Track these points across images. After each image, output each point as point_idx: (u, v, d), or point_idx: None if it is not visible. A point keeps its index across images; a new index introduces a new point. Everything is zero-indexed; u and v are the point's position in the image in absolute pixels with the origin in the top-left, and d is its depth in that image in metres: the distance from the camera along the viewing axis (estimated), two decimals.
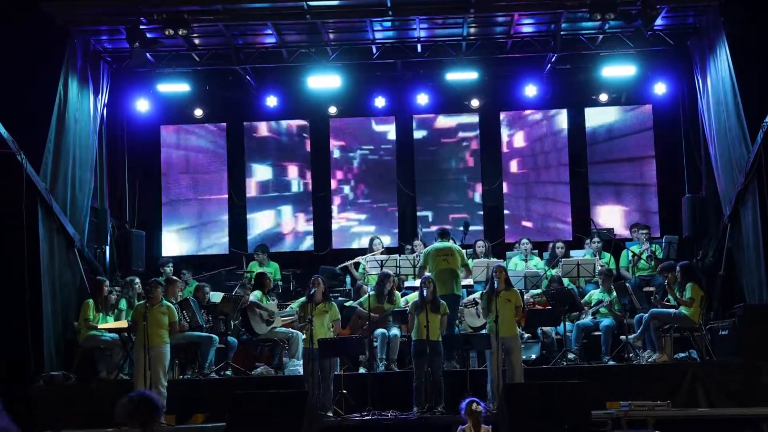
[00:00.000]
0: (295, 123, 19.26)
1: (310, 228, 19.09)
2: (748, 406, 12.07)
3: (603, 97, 18.23)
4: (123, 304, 14.51)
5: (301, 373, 12.71)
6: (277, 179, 19.26)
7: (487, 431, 9.40)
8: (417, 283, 14.08)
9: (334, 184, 19.17)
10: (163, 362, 12.16)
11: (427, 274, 13.26)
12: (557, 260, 15.59)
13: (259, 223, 19.14)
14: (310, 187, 19.16)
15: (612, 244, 15.97)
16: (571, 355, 13.64)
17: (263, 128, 19.35)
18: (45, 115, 14.29)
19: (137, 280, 14.86)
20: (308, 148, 19.24)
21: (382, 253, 15.73)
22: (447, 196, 19.10)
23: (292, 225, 19.16)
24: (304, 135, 19.28)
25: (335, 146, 19.25)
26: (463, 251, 14.31)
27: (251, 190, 19.18)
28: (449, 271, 13.49)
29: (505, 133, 19.06)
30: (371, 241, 16.38)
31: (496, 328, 11.87)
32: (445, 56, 17.18)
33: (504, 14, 15.89)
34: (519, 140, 19.11)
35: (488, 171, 18.99)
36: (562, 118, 18.98)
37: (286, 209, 19.18)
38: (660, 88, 17.95)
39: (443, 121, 19.23)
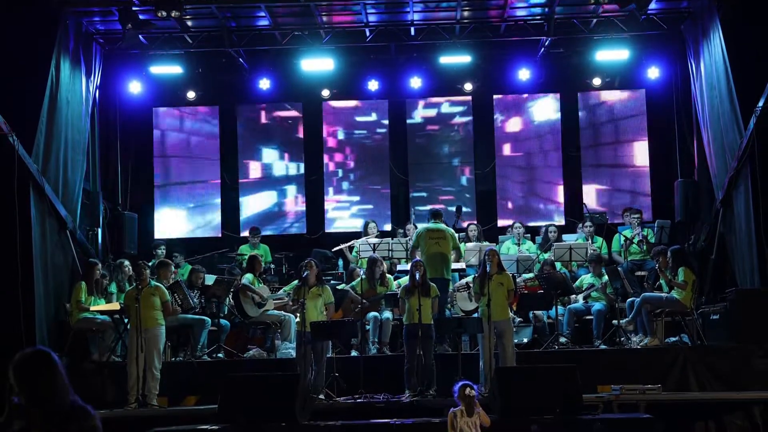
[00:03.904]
0: (288, 106, 19.22)
1: (303, 211, 19.07)
2: (738, 390, 12.12)
3: (596, 81, 18.24)
4: (113, 287, 14.50)
5: (294, 355, 12.73)
6: (270, 162, 19.22)
7: (480, 414, 9.39)
8: (409, 266, 14.14)
9: (326, 168, 19.15)
10: (157, 345, 12.16)
11: (417, 257, 13.28)
12: (550, 244, 15.60)
13: (252, 205, 19.12)
14: (302, 169, 19.14)
15: (604, 228, 15.98)
16: (562, 339, 13.66)
17: (256, 111, 19.31)
18: (37, 97, 14.23)
19: (126, 262, 14.84)
20: (301, 131, 19.21)
21: (376, 237, 15.73)
22: (440, 180, 19.10)
23: (284, 207, 19.14)
24: (297, 118, 19.24)
25: (328, 129, 19.22)
26: (456, 234, 14.32)
27: (244, 173, 19.15)
28: (440, 255, 13.49)
29: (498, 116, 19.05)
30: (366, 224, 16.37)
31: (488, 312, 11.88)
32: (438, 39, 17.16)
33: None
34: (512, 124, 19.10)
35: (481, 155, 19.00)
36: (555, 102, 18.97)
37: (279, 192, 19.16)
38: (653, 73, 17.96)
39: (436, 105, 19.20)
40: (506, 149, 19.08)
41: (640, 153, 18.70)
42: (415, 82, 18.23)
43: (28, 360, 4.18)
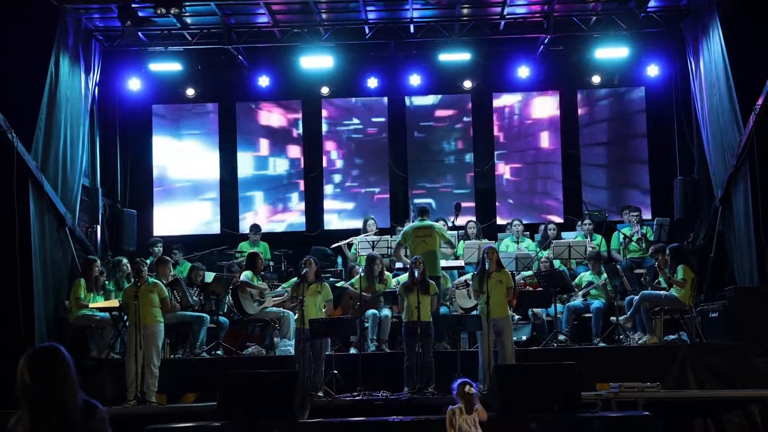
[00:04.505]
0: (287, 103, 19.22)
1: (302, 208, 19.06)
2: (737, 387, 12.13)
3: (596, 79, 18.22)
4: (111, 285, 14.50)
5: (292, 353, 12.73)
6: (269, 159, 19.21)
7: (478, 411, 9.38)
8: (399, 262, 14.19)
9: (325, 165, 19.14)
10: (156, 342, 12.17)
11: (402, 255, 13.29)
12: (549, 242, 15.60)
13: (250, 202, 19.10)
14: (301, 167, 19.13)
15: (603, 226, 15.98)
16: (561, 337, 13.68)
17: (255, 108, 19.29)
18: (36, 94, 14.22)
19: (125, 260, 14.84)
20: (300, 129, 19.20)
21: (375, 234, 15.73)
22: (439, 178, 19.08)
23: (283, 205, 19.12)
24: (296, 115, 19.23)
25: (327, 127, 19.21)
26: (444, 228, 14.35)
27: (243, 170, 19.13)
28: (428, 253, 13.44)
29: (498, 114, 19.03)
30: (365, 221, 16.36)
31: (487, 310, 11.89)
32: (438, 37, 17.13)
33: None
34: (513, 122, 19.08)
35: (480, 153, 18.98)
36: (554, 100, 18.96)
37: (278, 189, 19.15)
38: (653, 71, 17.94)
39: (436, 102, 19.19)
40: (506, 147, 19.04)
41: (639, 151, 18.69)
42: (415, 80, 18.21)
43: (44, 353, 4.17)
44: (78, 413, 4.15)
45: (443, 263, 14.53)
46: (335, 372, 12.09)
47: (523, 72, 17.91)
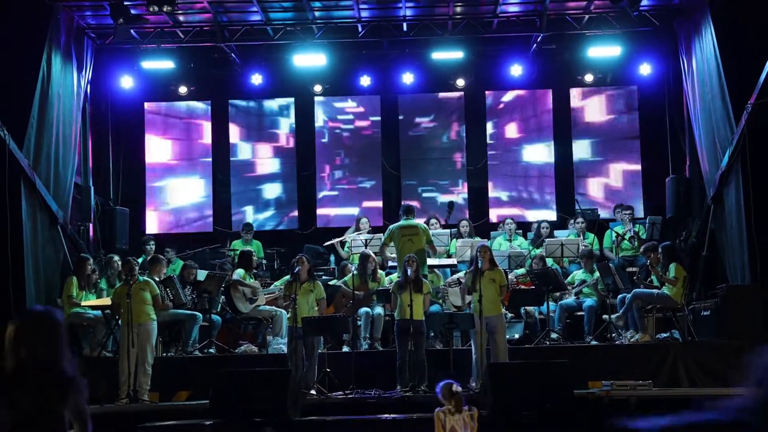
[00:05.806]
0: (280, 101, 19.19)
1: (295, 206, 19.03)
2: (729, 386, 12.15)
3: (588, 78, 18.22)
4: (103, 282, 14.47)
5: (285, 351, 12.73)
6: (262, 157, 19.18)
7: (470, 415, 9.19)
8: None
9: (318, 163, 19.11)
10: (149, 340, 12.16)
11: (388, 254, 13.30)
12: (541, 240, 15.61)
13: (242, 200, 19.07)
14: (294, 165, 19.09)
15: (596, 224, 15.99)
16: (554, 335, 13.69)
17: (248, 106, 19.26)
18: (28, 91, 14.20)
19: (117, 257, 14.81)
20: (293, 127, 19.16)
21: (368, 233, 15.72)
22: (431, 176, 19.05)
23: (276, 203, 19.10)
24: (289, 113, 19.21)
25: (320, 125, 19.18)
26: (429, 228, 14.33)
27: (235, 168, 19.10)
28: (416, 252, 13.44)
29: (491, 112, 19.02)
30: (358, 220, 16.36)
31: (480, 308, 11.89)
32: (431, 35, 17.14)
33: None
34: (505, 120, 19.07)
35: (473, 151, 18.96)
36: (547, 98, 18.95)
37: (271, 187, 19.11)
38: (645, 69, 17.95)
39: (428, 101, 19.17)
40: (499, 145, 19.01)
41: (631, 149, 18.70)
42: (408, 78, 18.20)
43: (37, 317, 4.14)
44: (57, 383, 4.21)
45: (437, 261, 14.56)
46: (328, 370, 12.10)
47: (516, 70, 17.90)
